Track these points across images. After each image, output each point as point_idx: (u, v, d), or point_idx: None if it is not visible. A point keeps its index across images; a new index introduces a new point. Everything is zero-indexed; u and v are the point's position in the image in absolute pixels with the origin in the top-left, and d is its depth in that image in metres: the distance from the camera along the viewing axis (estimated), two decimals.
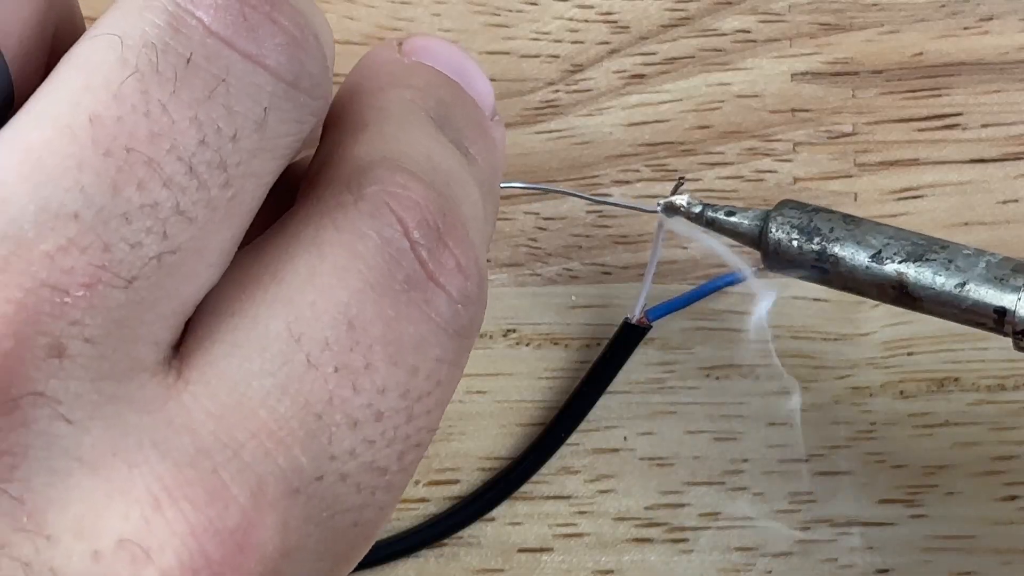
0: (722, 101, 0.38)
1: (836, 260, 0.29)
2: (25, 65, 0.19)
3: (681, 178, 0.33)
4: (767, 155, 0.38)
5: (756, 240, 0.30)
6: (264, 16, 0.18)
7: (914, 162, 0.38)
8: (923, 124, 0.38)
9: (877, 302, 0.38)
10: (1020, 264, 0.28)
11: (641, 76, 0.38)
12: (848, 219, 0.30)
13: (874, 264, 0.29)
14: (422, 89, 0.22)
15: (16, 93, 0.18)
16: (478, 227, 0.21)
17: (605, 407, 0.38)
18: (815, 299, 0.38)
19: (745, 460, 0.38)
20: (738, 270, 0.33)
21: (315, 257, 0.19)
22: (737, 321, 0.38)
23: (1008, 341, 0.28)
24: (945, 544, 0.37)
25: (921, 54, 0.38)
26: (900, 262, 0.29)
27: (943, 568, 0.37)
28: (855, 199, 0.38)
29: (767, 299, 0.33)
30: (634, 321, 0.36)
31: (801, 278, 0.30)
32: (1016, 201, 0.38)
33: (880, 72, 0.38)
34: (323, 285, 0.18)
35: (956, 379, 0.38)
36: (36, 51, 0.19)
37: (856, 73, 0.38)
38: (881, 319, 0.38)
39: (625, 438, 0.38)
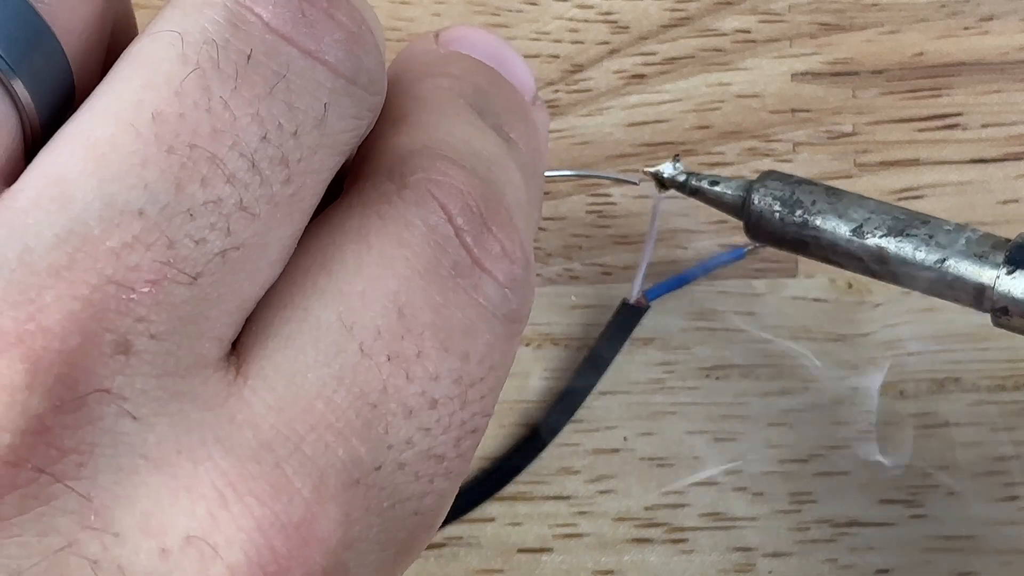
0: (722, 101, 0.38)
1: (817, 233, 0.29)
2: (85, 63, 0.19)
3: (676, 155, 0.33)
4: (767, 155, 0.38)
5: (739, 210, 0.30)
6: (322, 12, 0.18)
7: (914, 162, 0.38)
8: (923, 124, 0.38)
9: (878, 302, 0.38)
10: (1000, 241, 0.28)
11: (641, 76, 0.38)
12: (830, 192, 0.30)
13: (855, 238, 0.29)
14: (459, 77, 0.22)
15: (77, 90, 0.18)
16: (522, 211, 0.21)
17: (605, 407, 0.38)
18: (815, 299, 0.38)
19: (745, 460, 0.38)
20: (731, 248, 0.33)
21: (362, 247, 0.19)
22: (737, 321, 0.38)
23: (1007, 341, 0.28)
24: (945, 544, 0.37)
25: (921, 54, 0.38)
26: (881, 236, 0.29)
27: (943, 568, 0.37)
28: None
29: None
30: (632, 301, 0.36)
31: (783, 249, 0.30)
32: (1016, 201, 0.38)
33: (880, 72, 0.38)
34: (371, 275, 0.18)
35: (956, 379, 0.38)
36: (96, 49, 0.19)
37: (856, 73, 0.38)
38: (881, 319, 0.38)
39: (625, 438, 0.38)
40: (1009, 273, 0.28)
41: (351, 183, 0.20)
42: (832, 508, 0.37)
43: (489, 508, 0.37)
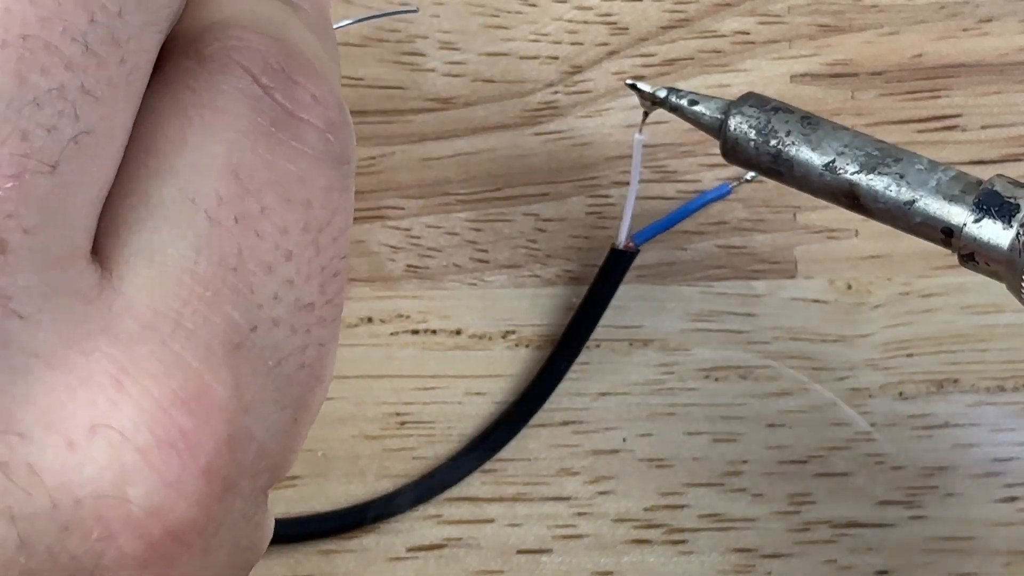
0: None
1: (791, 164, 0.29)
2: None
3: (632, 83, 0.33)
4: None
5: (716, 131, 0.30)
6: None
7: None
8: (922, 125, 0.38)
9: (877, 303, 0.38)
10: (971, 183, 0.28)
11: (640, 77, 0.38)
12: (807, 121, 0.29)
13: (826, 173, 0.29)
14: None
15: None
16: (322, 63, 0.21)
17: (604, 408, 0.38)
18: (814, 300, 0.38)
19: (744, 461, 0.38)
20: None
21: (182, 121, 0.19)
22: (736, 322, 0.38)
23: (1007, 342, 0.28)
24: (945, 545, 0.37)
25: (920, 55, 0.38)
26: (853, 173, 0.28)
27: (943, 569, 0.37)
28: None
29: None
30: (621, 246, 0.36)
31: (760, 175, 0.30)
32: None
33: (879, 73, 0.38)
34: (198, 144, 0.19)
35: (955, 380, 0.38)
36: None
37: (855, 75, 0.38)
38: (881, 320, 0.38)
39: (624, 439, 0.38)
40: (976, 221, 0.27)
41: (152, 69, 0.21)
42: (831, 509, 0.37)
43: (489, 509, 0.37)
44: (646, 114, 0.33)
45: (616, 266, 0.36)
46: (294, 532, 0.37)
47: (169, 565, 0.18)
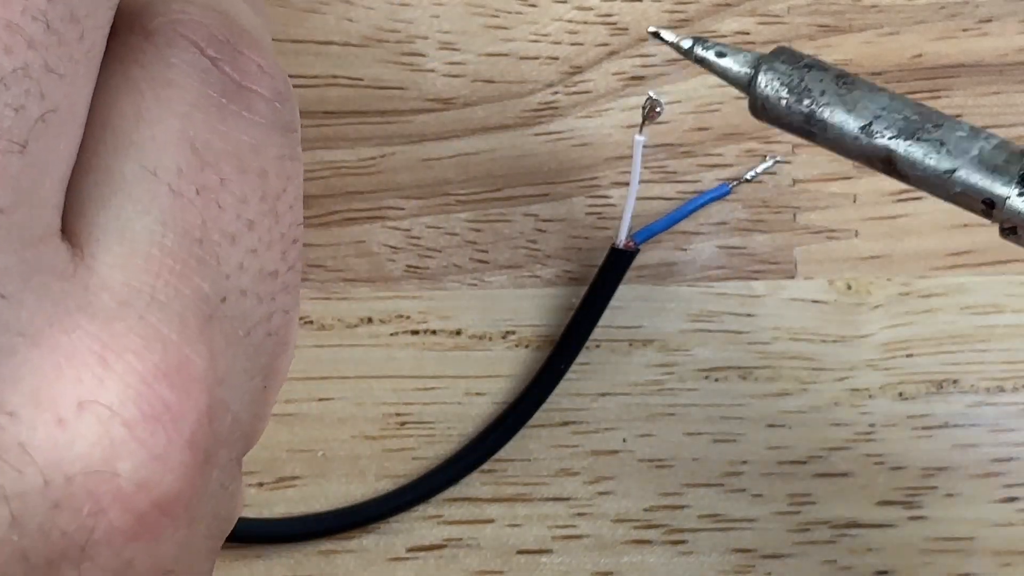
0: (721, 103, 0.38)
1: (824, 126, 0.27)
2: None
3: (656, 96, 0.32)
4: (766, 157, 0.38)
5: (745, 87, 0.28)
6: None
7: None
8: None
9: (877, 303, 0.38)
10: (1015, 153, 0.26)
11: (640, 78, 0.38)
12: (842, 80, 0.28)
13: (863, 136, 0.27)
14: None
15: None
16: (260, 32, 0.21)
17: (604, 409, 0.38)
18: (814, 301, 0.38)
19: (744, 462, 0.38)
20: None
21: (136, 97, 0.19)
22: (736, 323, 0.38)
23: (1006, 343, 0.28)
24: (944, 546, 0.37)
25: (920, 56, 0.38)
26: (890, 138, 0.27)
27: (942, 570, 0.37)
28: (854, 200, 0.38)
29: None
30: (621, 245, 0.36)
31: (790, 133, 0.28)
32: None
33: (879, 74, 0.38)
34: (154, 119, 0.19)
35: (955, 381, 0.38)
36: None
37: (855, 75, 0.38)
38: (880, 321, 0.38)
39: (624, 440, 0.38)
40: (1021, 194, 0.26)
41: None
42: (831, 509, 0.38)
43: (488, 509, 0.37)
44: (646, 115, 0.33)
45: (616, 266, 0.36)
46: (294, 532, 0.37)
47: (156, 538, 0.18)
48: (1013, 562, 0.37)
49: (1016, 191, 0.26)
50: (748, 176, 0.37)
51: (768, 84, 0.28)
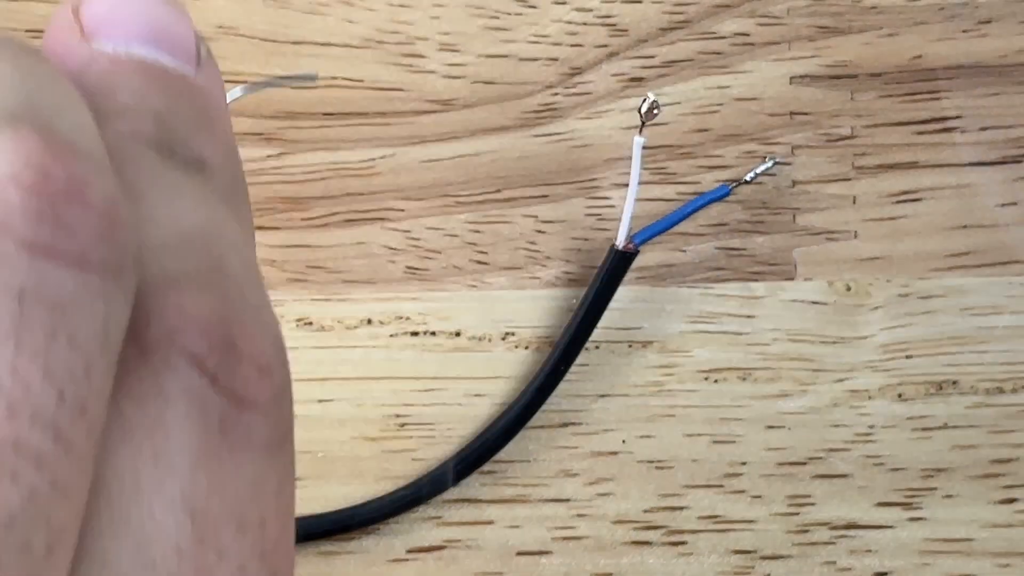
0: (721, 104, 0.38)
1: None
2: None
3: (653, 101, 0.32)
4: (766, 158, 0.38)
5: None
6: (74, 203, 0.15)
7: (913, 165, 0.38)
8: (922, 127, 0.38)
9: (876, 304, 0.38)
10: None
11: (640, 79, 0.38)
12: None
13: None
14: (134, 108, 0.18)
15: None
16: (244, 262, 0.18)
17: (604, 410, 0.38)
18: (813, 302, 0.38)
19: (744, 463, 0.38)
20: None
21: (133, 451, 0.16)
22: (735, 324, 0.38)
23: (1006, 344, 0.28)
24: (943, 547, 0.38)
25: (920, 57, 0.38)
26: None
27: (942, 571, 0.37)
28: (854, 202, 0.38)
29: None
30: (621, 247, 0.36)
31: None
32: (1015, 204, 0.38)
33: (879, 75, 0.38)
34: (153, 487, 0.16)
35: (955, 382, 0.38)
36: None
37: (855, 76, 0.38)
38: (880, 322, 0.38)
39: (624, 441, 0.38)
40: None
41: None
42: (831, 511, 0.38)
43: (488, 510, 0.37)
44: (644, 115, 0.33)
45: (616, 267, 0.36)
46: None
47: None
48: (1012, 563, 0.37)
49: None
50: (748, 177, 0.37)
51: None
